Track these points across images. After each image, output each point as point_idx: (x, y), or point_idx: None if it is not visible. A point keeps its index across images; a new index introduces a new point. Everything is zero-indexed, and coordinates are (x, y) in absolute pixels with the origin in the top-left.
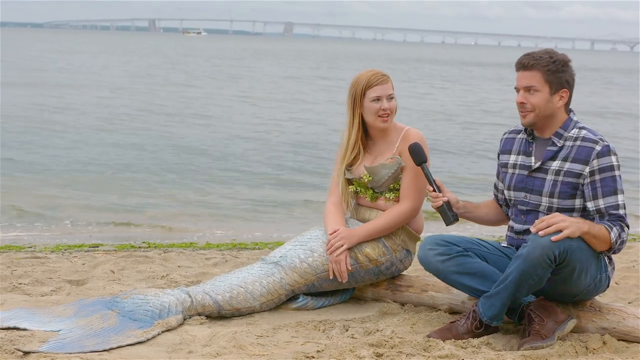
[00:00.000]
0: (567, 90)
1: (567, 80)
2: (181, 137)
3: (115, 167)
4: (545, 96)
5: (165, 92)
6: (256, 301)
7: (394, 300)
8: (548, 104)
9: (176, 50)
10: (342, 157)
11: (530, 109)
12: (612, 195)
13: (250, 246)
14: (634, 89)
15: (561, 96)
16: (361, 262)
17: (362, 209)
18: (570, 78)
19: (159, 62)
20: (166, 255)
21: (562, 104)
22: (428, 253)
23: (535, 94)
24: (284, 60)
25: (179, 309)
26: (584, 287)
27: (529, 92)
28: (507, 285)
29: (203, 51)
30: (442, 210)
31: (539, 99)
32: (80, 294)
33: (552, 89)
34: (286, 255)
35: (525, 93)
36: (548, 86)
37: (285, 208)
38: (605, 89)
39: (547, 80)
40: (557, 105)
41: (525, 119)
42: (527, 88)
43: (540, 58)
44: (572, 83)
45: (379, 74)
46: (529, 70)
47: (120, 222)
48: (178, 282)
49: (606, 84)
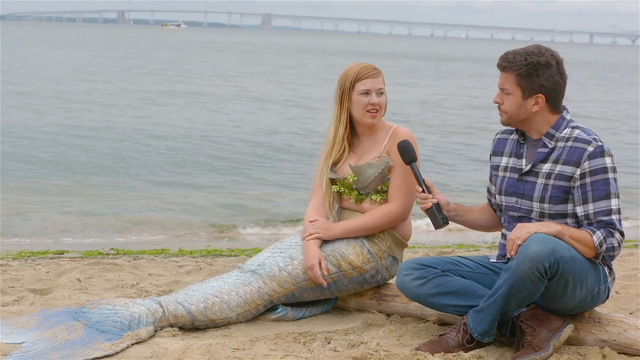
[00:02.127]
0: (542, 96)
1: (542, 85)
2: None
3: (77, 169)
4: (517, 100)
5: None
6: (232, 312)
7: (379, 310)
8: (521, 108)
9: (138, 43)
10: (326, 154)
11: (504, 109)
12: (604, 199)
13: (225, 253)
14: (634, 87)
15: (536, 101)
16: (344, 270)
17: (345, 212)
18: (549, 81)
19: (110, 55)
20: (136, 263)
21: (538, 109)
22: (405, 279)
23: (508, 96)
24: (248, 54)
25: (149, 320)
26: (579, 301)
27: (504, 93)
28: (496, 300)
29: (163, 44)
30: (431, 212)
31: (510, 102)
32: (44, 303)
33: (525, 93)
34: (264, 263)
35: (502, 93)
36: (520, 90)
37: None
38: (603, 86)
39: (519, 84)
40: (532, 110)
41: (501, 118)
42: (502, 89)
43: (513, 60)
44: (554, 86)
45: (370, 67)
46: (503, 71)
47: (87, 227)
48: (149, 291)
49: (603, 80)
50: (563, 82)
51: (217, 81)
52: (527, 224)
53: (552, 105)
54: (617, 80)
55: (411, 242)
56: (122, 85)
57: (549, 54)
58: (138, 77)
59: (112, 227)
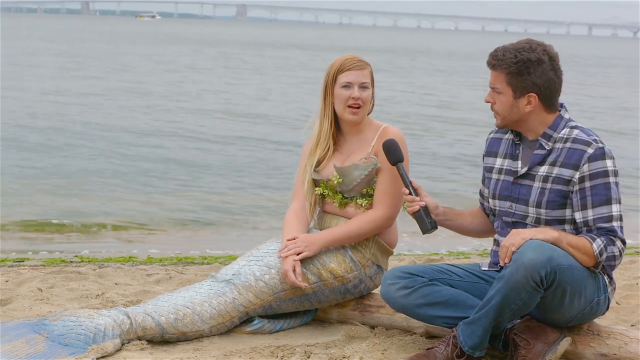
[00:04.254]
0: (534, 95)
1: (534, 83)
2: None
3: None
4: (508, 100)
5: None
6: (205, 324)
7: (362, 322)
8: (513, 108)
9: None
10: (310, 150)
11: (497, 110)
12: (604, 205)
13: (198, 261)
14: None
15: (528, 100)
16: (325, 280)
17: (327, 216)
18: (541, 79)
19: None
20: (101, 271)
21: (531, 109)
22: (389, 289)
23: (499, 96)
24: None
25: (116, 333)
26: (577, 312)
27: (495, 92)
28: (488, 311)
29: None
30: (419, 216)
31: (501, 103)
32: (3, 315)
33: (516, 93)
34: (239, 272)
35: (493, 93)
36: (511, 89)
37: (239, 216)
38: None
39: (509, 83)
40: (525, 110)
41: (496, 121)
42: (493, 88)
43: (503, 57)
44: (548, 83)
45: (354, 59)
46: (493, 69)
47: (49, 232)
48: (115, 301)
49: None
50: (558, 78)
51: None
52: (522, 229)
53: (546, 104)
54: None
55: (397, 249)
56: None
57: (541, 50)
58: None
59: (76, 232)
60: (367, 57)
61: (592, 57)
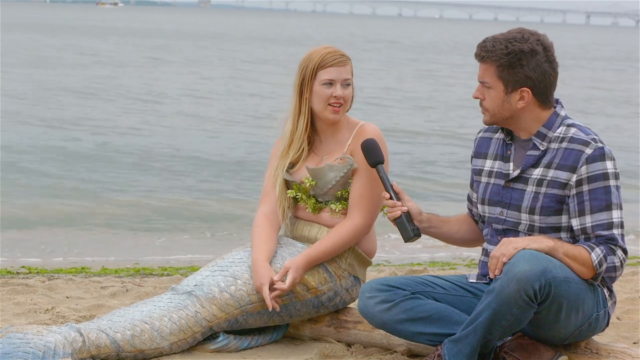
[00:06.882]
0: (528, 89)
1: (527, 76)
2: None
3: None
4: (499, 95)
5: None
6: (165, 340)
7: (338, 339)
8: (504, 104)
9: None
10: (283, 151)
11: (486, 106)
12: (603, 211)
13: (157, 272)
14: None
15: (521, 95)
16: (296, 292)
17: (300, 223)
18: (535, 72)
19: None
20: (51, 283)
21: (524, 105)
22: (368, 303)
23: (489, 91)
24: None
25: (67, 351)
26: (574, 329)
27: (484, 87)
28: (477, 327)
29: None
30: (401, 222)
31: (491, 98)
32: None
33: (508, 87)
34: (202, 284)
35: (482, 87)
36: (502, 84)
37: (202, 223)
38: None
39: (500, 76)
40: (518, 106)
41: (484, 117)
42: (482, 83)
43: (493, 49)
44: (542, 77)
45: (337, 53)
46: (482, 62)
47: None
48: (66, 316)
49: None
50: (553, 71)
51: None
52: (514, 238)
53: (540, 99)
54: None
55: (376, 259)
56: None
57: (534, 40)
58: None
59: (22, 241)
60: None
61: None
